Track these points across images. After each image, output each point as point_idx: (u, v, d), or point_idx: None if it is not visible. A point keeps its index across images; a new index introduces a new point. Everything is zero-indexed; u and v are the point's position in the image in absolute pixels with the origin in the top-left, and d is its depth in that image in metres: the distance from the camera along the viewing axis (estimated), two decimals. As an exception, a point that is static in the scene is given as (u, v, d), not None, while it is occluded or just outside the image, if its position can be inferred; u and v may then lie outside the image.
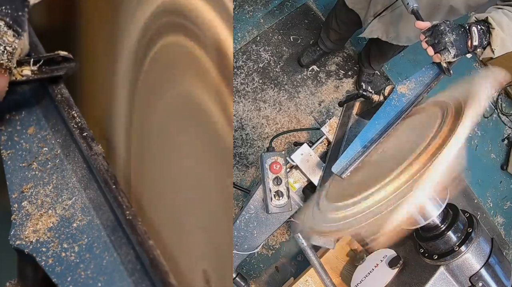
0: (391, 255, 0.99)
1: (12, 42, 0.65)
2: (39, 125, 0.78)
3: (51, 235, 0.69)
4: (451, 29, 0.92)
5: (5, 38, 0.65)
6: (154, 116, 0.75)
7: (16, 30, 0.66)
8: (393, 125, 0.89)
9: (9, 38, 0.65)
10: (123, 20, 0.80)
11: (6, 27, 0.65)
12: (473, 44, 0.94)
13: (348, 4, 1.61)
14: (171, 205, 0.72)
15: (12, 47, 0.65)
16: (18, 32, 0.67)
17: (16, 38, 0.66)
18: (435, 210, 0.81)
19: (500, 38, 0.95)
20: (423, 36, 0.96)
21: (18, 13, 0.67)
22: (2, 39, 0.64)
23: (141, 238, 0.63)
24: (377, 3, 1.45)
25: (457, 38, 0.92)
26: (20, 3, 0.68)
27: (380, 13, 1.47)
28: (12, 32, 0.66)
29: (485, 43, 0.96)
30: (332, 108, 2.26)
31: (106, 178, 0.69)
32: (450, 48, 0.91)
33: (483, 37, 0.95)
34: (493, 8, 1.03)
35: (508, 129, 2.58)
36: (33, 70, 0.72)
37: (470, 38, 0.94)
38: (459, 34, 0.93)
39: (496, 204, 2.44)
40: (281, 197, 1.04)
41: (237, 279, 1.13)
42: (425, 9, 1.25)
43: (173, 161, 0.72)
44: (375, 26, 1.55)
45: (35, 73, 0.72)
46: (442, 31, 0.92)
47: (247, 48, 2.22)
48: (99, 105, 0.85)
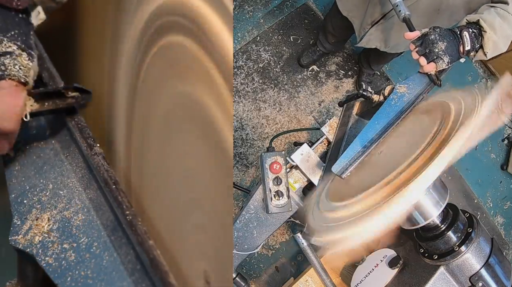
0: (391, 255, 0.99)
1: (27, 64, 0.66)
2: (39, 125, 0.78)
3: (51, 235, 0.69)
4: (442, 36, 0.89)
5: (20, 59, 0.65)
6: (154, 116, 0.75)
7: (30, 53, 0.67)
8: (393, 125, 0.89)
9: (24, 60, 0.65)
10: (123, 20, 0.80)
11: (20, 50, 0.65)
12: (465, 49, 0.92)
13: (342, 11, 1.57)
14: (171, 205, 0.72)
15: (27, 68, 0.66)
16: (31, 55, 0.67)
17: (30, 61, 0.66)
18: (435, 210, 0.81)
19: (492, 41, 0.92)
20: (413, 45, 0.93)
21: (26, 37, 0.68)
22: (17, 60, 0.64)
23: (141, 238, 0.63)
24: (374, 12, 1.40)
25: (448, 45, 0.89)
26: (26, 27, 0.69)
27: (378, 21, 1.43)
28: (26, 55, 0.66)
29: (477, 46, 0.94)
30: (332, 108, 2.26)
31: (106, 178, 0.69)
32: (443, 56, 0.89)
33: (475, 40, 0.93)
34: (486, 7, 1.00)
35: (508, 129, 2.58)
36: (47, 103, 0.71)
37: (461, 43, 0.91)
38: (450, 41, 0.90)
39: (496, 204, 2.44)
40: (281, 197, 1.04)
41: (237, 279, 1.13)
42: (425, 15, 1.23)
43: (173, 161, 0.72)
44: (373, 35, 1.51)
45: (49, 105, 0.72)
46: (433, 40, 0.89)
47: (247, 48, 2.22)
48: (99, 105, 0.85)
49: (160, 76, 0.75)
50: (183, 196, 0.70)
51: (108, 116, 0.83)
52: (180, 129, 0.71)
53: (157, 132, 0.75)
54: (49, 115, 0.78)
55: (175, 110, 0.72)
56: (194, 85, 0.69)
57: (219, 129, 0.65)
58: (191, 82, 0.70)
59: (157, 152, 0.75)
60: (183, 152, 0.71)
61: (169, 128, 0.73)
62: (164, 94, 0.74)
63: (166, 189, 0.73)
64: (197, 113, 0.69)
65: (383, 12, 1.38)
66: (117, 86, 0.82)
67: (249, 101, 2.17)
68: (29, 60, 0.66)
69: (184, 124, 0.71)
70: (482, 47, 0.95)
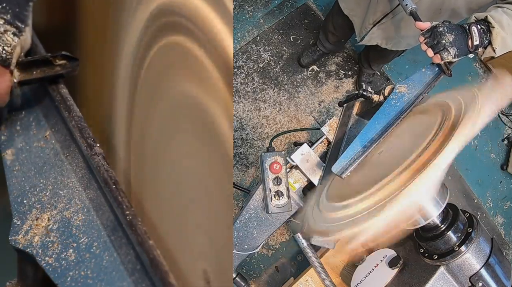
0: (391, 255, 0.99)
1: (11, 41, 0.65)
2: (39, 125, 0.78)
3: (51, 235, 0.69)
4: (450, 29, 0.92)
5: (4, 38, 0.64)
6: (154, 116, 0.75)
7: (17, 27, 0.66)
8: (393, 125, 0.89)
9: (8, 37, 0.65)
10: (123, 20, 0.80)
11: (7, 25, 0.65)
12: (474, 43, 0.93)
13: (344, 10, 1.59)
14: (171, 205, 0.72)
15: (11, 47, 0.65)
16: (19, 28, 0.66)
17: (16, 36, 0.66)
18: (435, 210, 0.81)
19: (501, 36, 0.94)
20: (422, 37, 0.95)
21: (20, 8, 0.67)
22: (1, 39, 0.64)
23: (141, 238, 0.63)
24: (376, 11, 1.42)
25: (456, 38, 0.91)
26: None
27: (380, 21, 1.45)
28: (13, 29, 0.65)
29: (486, 42, 0.95)
30: (332, 108, 2.26)
31: (106, 178, 0.69)
32: (449, 48, 0.91)
33: (484, 36, 0.94)
34: (493, 7, 1.02)
35: (508, 129, 2.58)
36: (35, 71, 0.72)
37: (470, 37, 0.93)
38: (459, 34, 0.92)
39: (496, 204, 2.44)
40: (281, 197, 1.04)
41: (237, 279, 1.13)
42: (426, 14, 1.24)
43: (173, 161, 0.72)
44: (375, 34, 1.53)
45: (37, 73, 0.72)
46: (441, 32, 0.91)
47: (247, 48, 2.22)
48: (99, 105, 0.85)
49: (160, 76, 0.74)
50: (183, 196, 0.70)
51: (108, 116, 0.83)
52: (180, 129, 0.71)
53: (157, 132, 0.75)
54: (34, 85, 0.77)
55: (175, 110, 0.72)
56: (194, 85, 0.69)
57: (219, 129, 0.65)
58: (191, 82, 0.70)
59: (157, 152, 0.74)
60: (183, 152, 0.71)
61: (169, 128, 0.73)
62: (164, 94, 0.74)
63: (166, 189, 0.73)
64: (197, 113, 0.69)
65: (385, 11, 1.39)
66: (117, 86, 0.82)
67: (249, 101, 2.17)
68: (14, 36, 0.66)
69: (184, 124, 0.71)
70: (490, 43, 0.96)
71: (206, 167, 0.67)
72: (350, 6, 1.57)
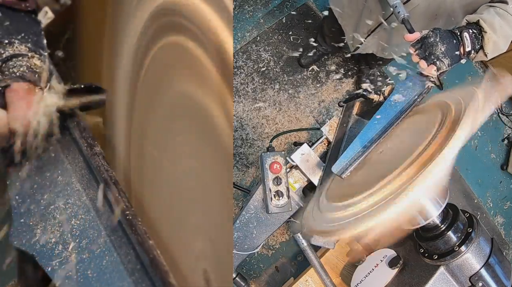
0: (391, 255, 0.99)
1: (40, 66, 0.66)
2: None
3: (51, 235, 0.69)
4: (441, 38, 0.88)
5: (32, 61, 0.65)
6: (154, 116, 0.75)
7: (40, 53, 0.67)
8: (393, 125, 0.89)
9: (36, 62, 0.65)
10: (123, 20, 0.80)
11: (32, 52, 0.65)
12: (466, 50, 0.91)
13: (338, 18, 1.56)
14: (171, 205, 0.72)
15: (40, 70, 0.66)
16: (42, 54, 0.67)
17: (42, 62, 0.66)
18: (435, 210, 0.81)
19: (493, 41, 0.92)
20: (413, 49, 0.92)
21: (37, 37, 0.68)
22: (29, 62, 0.65)
23: (141, 238, 0.63)
24: (368, 20, 1.37)
25: (448, 47, 0.88)
26: (36, 27, 0.69)
27: (374, 30, 1.42)
28: (38, 56, 0.66)
29: (477, 47, 0.93)
30: (332, 108, 2.26)
31: (106, 178, 0.69)
32: (443, 59, 0.88)
33: (476, 41, 0.92)
34: (485, 6, 0.99)
35: (508, 129, 2.58)
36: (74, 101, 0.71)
37: (462, 44, 0.90)
38: (450, 43, 0.89)
39: (496, 204, 2.44)
40: (281, 197, 1.04)
41: (237, 279, 1.13)
42: (422, 20, 1.22)
43: (173, 161, 0.72)
44: (370, 42, 1.50)
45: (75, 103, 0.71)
46: (432, 42, 0.88)
47: (247, 48, 2.22)
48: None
49: (160, 76, 0.75)
50: (183, 196, 0.70)
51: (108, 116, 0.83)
52: (180, 129, 0.71)
53: (157, 132, 0.75)
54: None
55: (175, 110, 0.72)
56: (194, 85, 0.69)
57: (219, 129, 0.65)
58: (191, 82, 0.70)
59: (157, 152, 0.75)
60: (183, 152, 0.71)
61: (169, 128, 0.73)
62: (164, 94, 0.74)
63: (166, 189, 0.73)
64: (197, 113, 0.69)
65: (379, 20, 1.36)
66: (117, 86, 0.82)
67: (249, 101, 2.17)
68: (41, 61, 0.66)
69: (184, 124, 0.71)
70: (482, 47, 0.94)
71: (206, 167, 0.67)
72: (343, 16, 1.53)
